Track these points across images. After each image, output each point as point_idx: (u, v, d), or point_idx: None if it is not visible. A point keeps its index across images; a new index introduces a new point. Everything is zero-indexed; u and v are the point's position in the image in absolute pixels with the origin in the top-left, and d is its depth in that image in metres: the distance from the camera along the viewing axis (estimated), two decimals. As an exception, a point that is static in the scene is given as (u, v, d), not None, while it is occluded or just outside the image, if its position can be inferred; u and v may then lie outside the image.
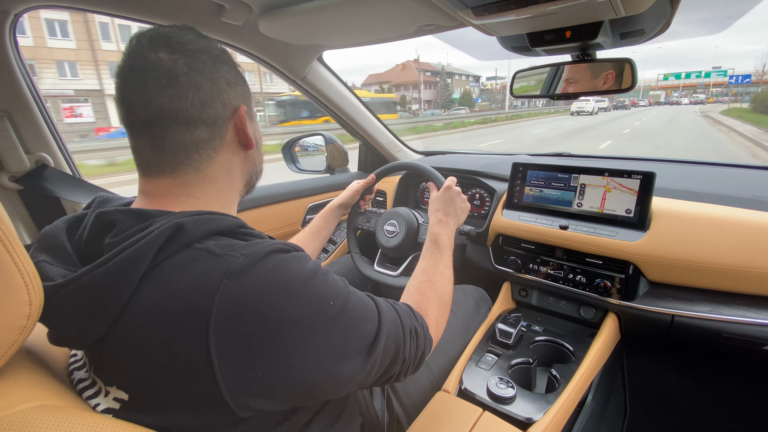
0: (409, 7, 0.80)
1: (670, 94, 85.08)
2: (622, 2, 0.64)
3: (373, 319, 0.50)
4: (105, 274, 0.38)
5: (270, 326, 0.39)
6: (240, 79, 0.52)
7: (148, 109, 0.44)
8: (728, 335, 0.85)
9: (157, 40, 0.45)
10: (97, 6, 0.84)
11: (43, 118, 0.90)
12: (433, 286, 0.71)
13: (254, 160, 0.57)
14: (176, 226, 0.41)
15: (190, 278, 0.39)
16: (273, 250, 0.43)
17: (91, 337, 0.40)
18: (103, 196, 0.51)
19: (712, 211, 0.94)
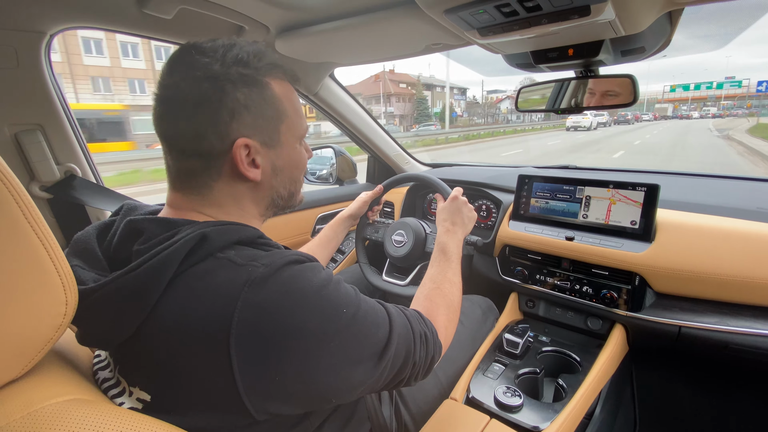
0: (418, 28, 0.85)
1: (678, 107, 78.51)
2: (621, 22, 0.68)
3: (384, 325, 0.51)
4: (135, 280, 0.41)
5: (287, 332, 0.41)
6: (258, 105, 0.48)
7: (157, 129, 0.48)
8: (736, 347, 0.85)
9: (176, 65, 0.46)
10: (127, 28, 0.90)
11: (72, 131, 0.96)
12: (441, 293, 0.72)
13: (273, 187, 0.54)
14: (201, 235, 0.43)
15: (214, 286, 0.41)
16: (290, 260, 0.45)
17: (118, 338, 0.42)
18: (130, 204, 0.54)
19: (717, 223, 0.95)
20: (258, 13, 0.89)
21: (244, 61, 0.47)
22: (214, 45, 0.47)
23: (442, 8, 0.68)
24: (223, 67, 0.46)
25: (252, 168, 0.50)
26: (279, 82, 0.51)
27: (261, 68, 0.48)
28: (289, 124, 0.52)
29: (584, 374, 0.95)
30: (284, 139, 0.52)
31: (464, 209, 0.96)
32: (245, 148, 0.48)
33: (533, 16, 0.65)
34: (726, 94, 75.62)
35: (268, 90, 0.49)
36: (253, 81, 0.48)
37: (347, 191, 1.72)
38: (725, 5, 0.73)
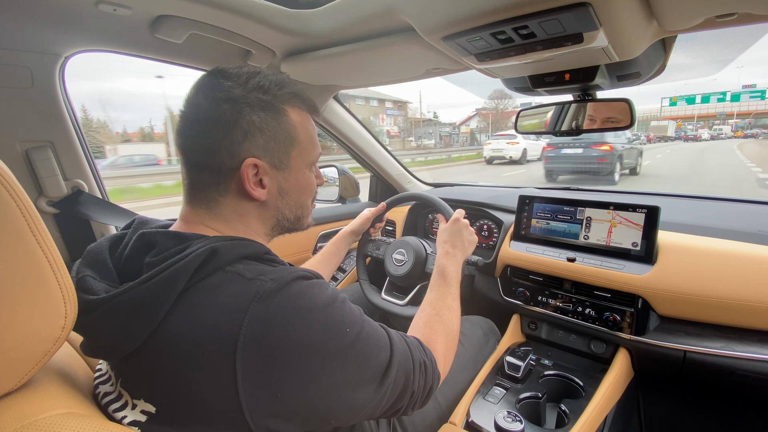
0: (418, 53, 0.88)
1: (681, 125, 55.23)
2: (615, 49, 0.70)
3: (385, 349, 0.51)
4: (146, 292, 0.42)
5: (291, 348, 0.41)
6: (272, 129, 0.50)
7: (177, 143, 0.52)
8: (742, 373, 0.83)
9: (204, 85, 0.50)
10: (139, 51, 0.94)
11: (81, 148, 0.99)
12: (441, 320, 0.71)
13: (278, 208, 0.56)
14: (211, 249, 0.44)
15: (222, 299, 0.42)
16: (297, 276, 0.46)
17: (126, 349, 0.42)
18: (142, 217, 0.56)
19: (719, 246, 0.95)
20: (264, 38, 0.93)
21: (264, 88, 0.50)
22: (239, 71, 0.51)
23: (441, 35, 0.71)
24: (244, 91, 0.49)
25: (258, 187, 0.52)
26: (297, 110, 0.54)
27: (280, 96, 0.51)
28: (301, 150, 0.55)
29: (588, 399, 0.92)
30: (294, 163, 0.54)
31: (465, 232, 0.95)
32: (253, 167, 0.50)
33: (528, 43, 0.67)
34: (738, 111, 58.55)
35: (284, 116, 0.52)
36: (271, 107, 0.50)
37: (350, 209, 1.73)
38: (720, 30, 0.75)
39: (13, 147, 0.88)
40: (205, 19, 0.82)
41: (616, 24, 0.60)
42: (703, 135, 43.31)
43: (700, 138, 40.16)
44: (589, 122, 1.03)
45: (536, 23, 0.60)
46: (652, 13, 0.62)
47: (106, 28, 0.83)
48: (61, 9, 0.75)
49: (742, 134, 44.31)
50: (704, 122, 64.53)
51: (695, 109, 63.31)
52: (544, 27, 0.61)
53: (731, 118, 58.69)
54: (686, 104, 49.38)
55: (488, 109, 41.89)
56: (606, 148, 8.14)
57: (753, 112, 57.79)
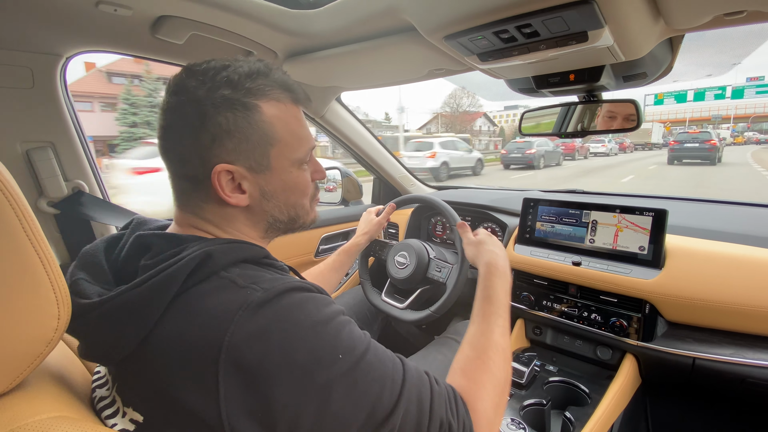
0: (420, 54, 0.87)
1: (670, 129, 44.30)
2: (621, 48, 0.68)
3: (391, 390, 0.43)
4: (138, 296, 0.41)
5: (271, 366, 0.38)
6: (242, 130, 0.46)
7: (159, 150, 0.49)
8: (753, 380, 0.81)
9: (170, 88, 0.47)
10: (140, 52, 0.94)
11: (82, 148, 0.99)
12: (484, 365, 0.55)
13: (266, 211, 0.52)
14: (206, 253, 0.43)
15: (211, 307, 0.40)
16: (292, 287, 0.43)
17: (119, 355, 0.41)
18: (140, 218, 0.54)
19: (728, 250, 0.92)
20: (266, 39, 0.92)
21: (233, 83, 0.45)
22: (207, 67, 0.46)
23: (442, 34, 0.70)
24: (209, 91, 0.45)
25: (236, 193, 0.48)
26: (273, 103, 0.48)
27: (252, 89, 0.46)
28: (282, 149, 0.49)
29: (593, 407, 0.90)
30: (276, 163, 0.49)
31: (502, 249, 0.81)
32: (227, 173, 0.47)
33: (531, 42, 0.66)
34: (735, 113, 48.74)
35: (256, 113, 0.46)
36: (239, 104, 0.45)
37: (352, 212, 1.72)
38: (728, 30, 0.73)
39: (13, 147, 0.88)
40: (206, 19, 0.82)
41: (621, 22, 0.58)
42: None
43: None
44: (595, 124, 1.02)
45: (540, 21, 0.59)
46: (658, 11, 0.60)
47: (107, 29, 0.83)
48: (62, 9, 0.75)
49: (742, 140, 36.50)
50: (697, 126, 45.97)
51: (687, 111, 53.95)
52: (547, 25, 0.60)
53: (727, 121, 48.65)
54: (675, 102, 35.52)
55: (449, 112, 37.56)
56: (712, 142, 14.03)
57: (751, 116, 48.38)
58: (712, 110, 51.84)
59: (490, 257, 0.77)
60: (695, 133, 15.33)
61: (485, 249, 0.80)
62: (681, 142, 14.83)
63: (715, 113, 50.96)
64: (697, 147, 14.07)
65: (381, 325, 1.27)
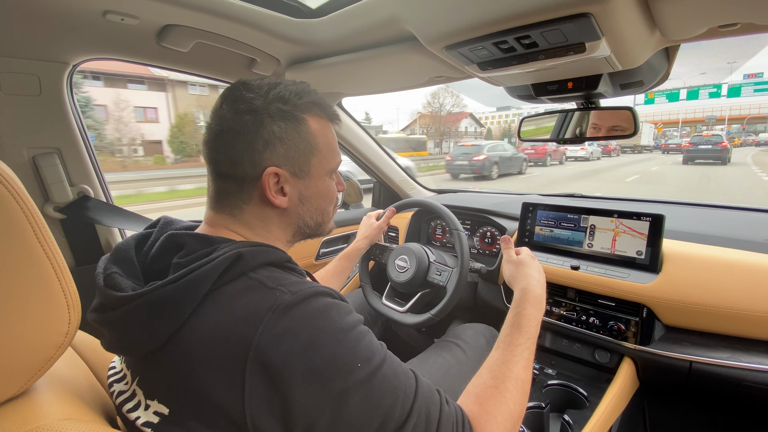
0: (420, 62, 0.88)
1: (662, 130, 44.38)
2: (618, 58, 0.70)
3: (404, 400, 0.44)
4: (173, 292, 0.42)
5: (295, 367, 0.40)
6: (292, 138, 0.52)
7: (203, 153, 0.54)
8: (749, 384, 0.82)
9: (228, 97, 0.52)
10: (145, 59, 0.96)
11: (87, 154, 1.00)
12: (500, 395, 0.54)
13: (300, 215, 0.57)
14: (237, 254, 0.45)
15: (241, 306, 0.43)
16: (318, 292, 0.45)
17: (148, 347, 0.43)
18: (167, 218, 0.57)
19: (724, 255, 0.94)
20: (269, 47, 0.94)
21: (284, 99, 0.52)
22: (260, 83, 0.52)
23: (443, 45, 0.71)
24: (264, 102, 0.50)
25: (279, 195, 0.53)
26: (316, 119, 0.55)
27: (300, 105, 0.53)
28: (321, 158, 0.56)
29: (592, 410, 0.91)
30: (314, 171, 0.56)
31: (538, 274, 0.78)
32: (274, 176, 0.52)
33: (530, 53, 0.67)
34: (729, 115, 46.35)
35: (304, 125, 0.53)
36: (291, 116, 0.52)
37: (353, 215, 1.73)
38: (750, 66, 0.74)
39: (20, 153, 0.89)
40: (210, 28, 0.83)
41: (618, 34, 0.60)
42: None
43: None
44: (592, 130, 1.03)
45: (538, 33, 0.60)
46: (654, 23, 0.62)
47: (114, 38, 0.85)
48: (70, 19, 0.76)
49: (738, 142, 33.30)
50: (691, 128, 48.99)
51: (680, 111, 52.30)
52: (546, 37, 0.61)
53: (722, 123, 45.64)
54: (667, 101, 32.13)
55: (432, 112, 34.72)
56: (723, 144, 15.33)
57: (746, 117, 46.29)
58: (706, 111, 49.62)
59: (527, 283, 0.74)
60: (708, 136, 16.64)
61: (524, 272, 0.78)
62: (696, 144, 16.31)
63: (709, 114, 48.65)
64: (710, 149, 15.48)
65: (381, 328, 1.27)
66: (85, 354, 0.60)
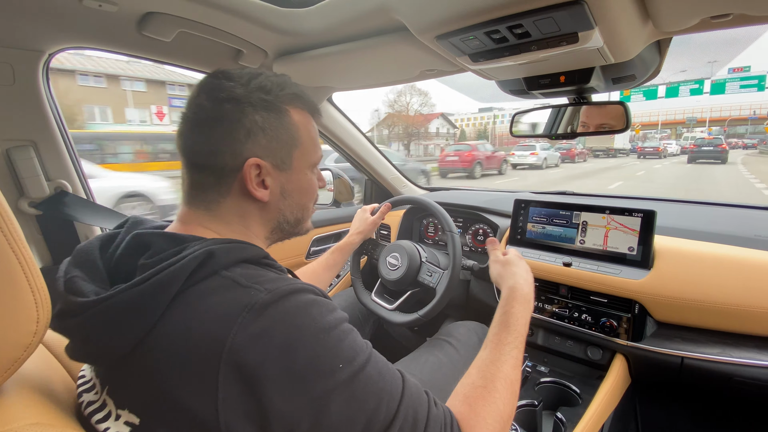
0: (412, 54, 0.86)
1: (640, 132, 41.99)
2: (610, 50, 0.69)
3: (390, 402, 0.43)
4: (139, 295, 0.40)
5: (272, 369, 0.38)
6: (274, 129, 0.50)
7: (178, 144, 0.51)
8: (740, 379, 0.82)
9: (206, 86, 0.50)
10: (126, 49, 0.92)
11: (66, 148, 0.96)
12: (489, 395, 0.53)
13: (280, 210, 0.55)
14: (208, 252, 0.43)
15: (214, 306, 0.40)
16: (296, 289, 0.43)
17: (114, 355, 0.40)
18: (137, 217, 0.54)
19: (715, 250, 0.94)
20: (255, 37, 0.91)
21: (266, 89, 0.50)
22: (240, 73, 0.50)
23: (434, 34, 0.69)
24: (246, 91, 0.49)
25: (260, 188, 0.51)
26: (299, 111, 0.54)
27: (282, 96, 0.51)
28: (303, 151, 0.54)
29: (584, 407, 0.91)
30: (296, 164, 0.54)
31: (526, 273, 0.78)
32: (256, 167, 0.50)
33: (523, 43, 0.66)
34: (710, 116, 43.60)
35: (287, 117, 0.52)
36: (273, 107, 0.50)
37: (344, 213, 1.71)
38: (715, 34, 0.74)
39: None
40: (194, 17, 0.80)
41: (611, 23, 0.59)
42: (670, 147, 27.05)
43: (663, 152, 24.62)
44: (584, 126, 1.02)
45: (531, 22, 0.59)
46: (647, 14, 0.61)
47: (91, 25, 0.81)
48: (44, 4, 0.72)
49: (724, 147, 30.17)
50: (671, 129, 47.89)
51: (660, 112, 50.04)
52: (538, 26, 0.60)
53: (702, 124, 43.75)
54: (644, 99, 29.35)
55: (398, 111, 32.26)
56: (723, 146, 18.28)
57: (727, 119, 44.12)
58: (687, 112, 48.56)
59: (515, 281, 0.74)
60: (710, 139, 20.05)
61: (511, 271, 0.77)
62: (699, 146, 19.31)
63: (689, 116, 47.69)
64: (711, 150, 18.32)
65: (373, 327, 1.26)
66: (62, 355, 0.57)
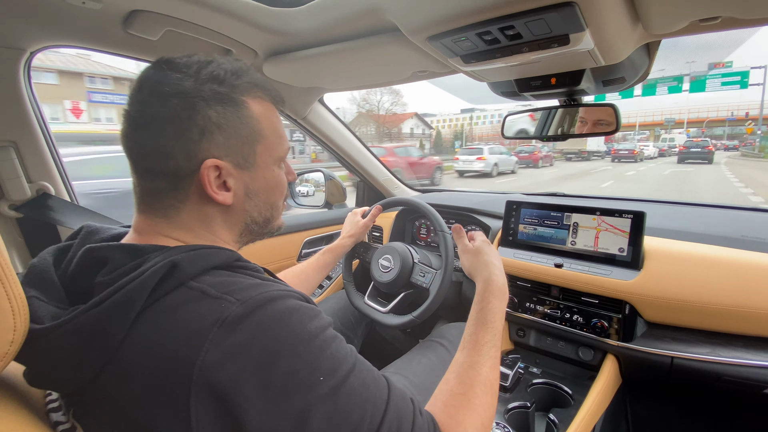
0: (403, 54, 0.86)
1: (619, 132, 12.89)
2: (601, 52, 0.69)
3: (374, 415, 0.40)
4: (97, 318, 0.37)
5: (248, 387, 0.35)
6: (232, 125, 0.45)
7: (124, 147, 0.45)
8: (729, 378, 0.83)
9: (148, 79, 0.44)
10: (111, 48, 0.90)
11: (48, 149, 0.93)
12: (469, 403, 0.51)
13: (246, 211, 0.50)
14: (171, 264, 0.39)
15: (182, 322, 0.37)
16: (272, 297, 0.39)
17: (77, 382, 0.37)
18: (91, 226, 0.49)
19: (704, 251, 0.95)
20: (245, 36, 0.90)
21: (219, 79, 0.45)
22: (188, 61, 0.45)
23: (426, 35, 0.69)
24: (195, 83, 0.43)
25: (222, 191, 0.46)
26: (258, 101, 0.48)
27: (238, 86, 0.46)
28: (267, 146, 0.49)
29: (576, 408, 0.91)
30: (261, 161, 0.49)
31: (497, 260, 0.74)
32: (215, 169, 0.45)
33: (514, 44, 0.66)
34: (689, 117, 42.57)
35: (245, 109, 0.46)
36: (228, 99, 0.45)
37: (336, 215, 1.70)
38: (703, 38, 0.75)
39: None
40: (181, 15, 0.79)
41: (601, 25, 0.59)
42: (646, 150, 25.50)
43: (639, 155, 22.99)
44: (574, 127, 1.03)
45: (522, 23, 0.59)
46: (637, 16, 0.61)
47: (75, 23, 0.79)
48: (27, 1, 0.70)
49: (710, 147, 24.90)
50: (650, 131, 46.54)
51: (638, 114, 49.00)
52: (530, 27, 0.60)
53: (680, 126, 43.02)
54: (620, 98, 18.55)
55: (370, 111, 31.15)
56: (710, 148, 20.58)
57: (705, 120, 42.93)
58: (665, 113, 47.65)
59: (490, 272, 0.70)
60: (698, 141, 21.66)
61: (484, 261, 0.74)
62: (688, 147, 21.27)
63: (668, 117, 47.04)
64: (699, 151, 20.40)
65: (365, 330, 1.25)
66: None
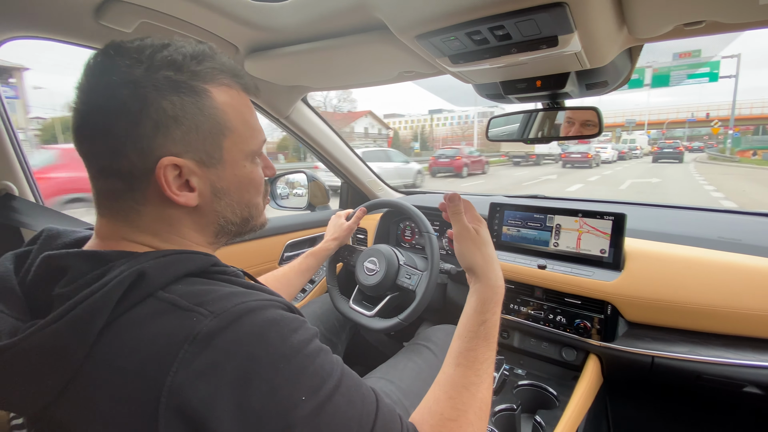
0: (390, 53, 0.85)
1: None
2: (587, 55, 0.70)
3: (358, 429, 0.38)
4: (55, 335, 0.33)
5: (223, 410, 0.33)
6: (191, 117, 0.40)
7: (74, 143, 0.41)
8: (708, 377, 0.85)
9: (94, 67, 0.40)
10: (82, 40, 0.85)
11: (11, 147, 0.87)
12: (459, 429, 0.46)
13: (217, 212, 0.46)
14: (137, 273, 0.36)
15: (149, 339, 0.34)
16: (251, 308, 0.36)
17: (36, 405, 0.34)
18: (52, 230, 0.45)
19: (682, 252, 0.97)
20: (225, 31, 0.86)
21: (177, 65, 0.40)
22: (141, 45, 0.40)
23: (414, 33, 0.68)
24: (147, 70, 0.38)
25: (184, 191, 0.42)
26: (224, 89, 0.43)
27: (199, 73, 0.41)
28: (236, 140, 0.44)
29: (562, 409, 0.91)
30: (229, 156, 0.44)
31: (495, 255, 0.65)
32: (174, 168, 0.40)
33: (503, 45, 0.65)
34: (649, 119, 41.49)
35: (207, 99, 0.41)
36: (187, 88, 0.40)
37: (319, 217, 1.67)
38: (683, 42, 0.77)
39: None
40: (157, 6, 0.75)
41: (590, 27, 0.59)
42: (604, 153, 23.86)
43: (595, 159, 20.89)
44: (556, 130, 1.04)
45: (512, 23, 0.58)
46: (623, 20, 0.62)
47: (43, 12, 0.74)
48: None
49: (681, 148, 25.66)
50: (612, 132, 44.30)
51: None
52: (519, 28, 0.60)
53: (641, 128, 41.72)
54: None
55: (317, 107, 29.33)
56: (680, 149, 24.27)
57: (665, 122, 42.93)
58: (626, 115, 49.07)
59: (496, 276, 0.62)
60: (670, 142, 25.28)
61: (488, 255, 0.63)
62: (662, 148, 24.62)
63: (629, 118, 47.31)
64: (671, 151, 23.65)
65: (349, 334, 1.22)
66: None
